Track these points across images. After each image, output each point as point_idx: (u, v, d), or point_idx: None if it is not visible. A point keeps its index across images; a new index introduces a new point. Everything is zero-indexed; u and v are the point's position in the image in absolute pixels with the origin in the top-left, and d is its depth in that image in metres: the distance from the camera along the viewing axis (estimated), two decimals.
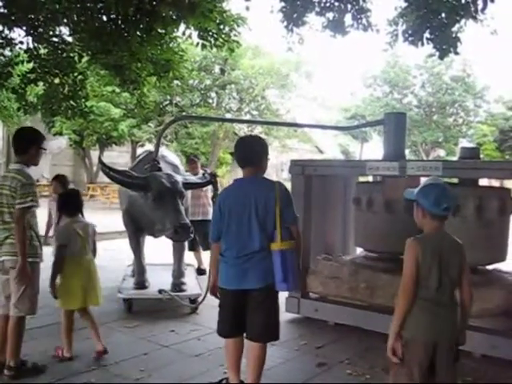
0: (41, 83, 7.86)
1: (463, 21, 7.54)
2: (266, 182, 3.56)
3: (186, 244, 6.28)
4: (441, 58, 7.08)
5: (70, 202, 4.53)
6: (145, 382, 3.92)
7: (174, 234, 5.10)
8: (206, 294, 5.28)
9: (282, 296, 3.68)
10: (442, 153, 33.26)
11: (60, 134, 21.97)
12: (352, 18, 7.26)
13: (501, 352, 4.32)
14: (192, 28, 7.46)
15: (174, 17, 6.56)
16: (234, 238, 3.45)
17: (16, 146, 4.04)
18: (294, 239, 3.47)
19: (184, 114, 21.90)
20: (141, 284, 5.98)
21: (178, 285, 5.94)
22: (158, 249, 7.46)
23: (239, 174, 3.66)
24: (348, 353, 4.58)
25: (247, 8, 7.09)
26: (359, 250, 6.23)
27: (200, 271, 7.55)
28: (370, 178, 6.45)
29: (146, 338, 4.91)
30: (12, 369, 3.89)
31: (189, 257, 7.10)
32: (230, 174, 31.90)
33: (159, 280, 6.16)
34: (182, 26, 7.56)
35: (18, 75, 7.91)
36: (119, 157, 26.22)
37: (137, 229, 6.01)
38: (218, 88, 22.77)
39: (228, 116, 22.87)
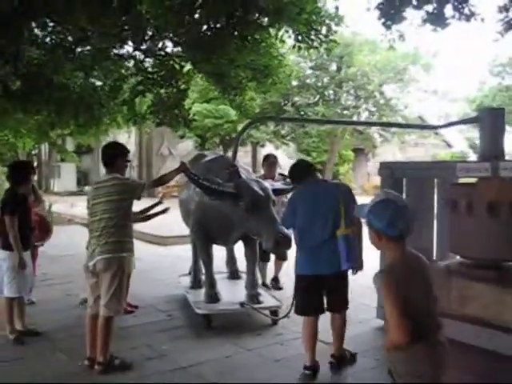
0: (148, 94, 8.34)
1: None
2: (331, 184, 4.75)
3: (258, 253, 5.90)
4: None
5: None
6: None
7: (274, 245, 4.71)
8: (292, 306, 5.21)
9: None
10: None
11: (183, 137, 23.10)
12: (453, 9, 6.84)
13: None
14: (287, 31, 7.51)
15: (265, 23, 6.65)
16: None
17: (104, 160, 4.42)
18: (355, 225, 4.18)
19: (301, 114, 21.99)
20: (214, 297, 5.68)
21: (254, 296, 5.64)
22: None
23: (362, 170, 4.38)
24: None
25: (337, 8, 7.00)
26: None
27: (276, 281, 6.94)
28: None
29: (231, 340, 5.04)
30: (101, 364, 4.22)
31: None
32: (353, 171, 31.48)
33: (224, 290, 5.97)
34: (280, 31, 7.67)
35: (128, 88, 8.49)
36: (244, 156, 26.76)
37: (209, 239, 5.78)
38: (334, 85, 22.58)
39: (345, 114, 22.54)
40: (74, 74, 8.67)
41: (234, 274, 6.89)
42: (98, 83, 9.90)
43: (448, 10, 6.87)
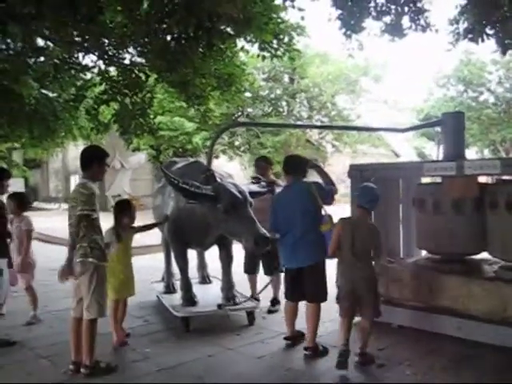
0: (112, 103, 8.34)
1: None
2: (303, 184, 4.82)
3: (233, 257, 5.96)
4: (503, 52, 6.89)
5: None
6: (207, 381, 4.13)
7: (254, 245, 4.80)
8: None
9: None
10: None
11: (138, 149, 22.88)
12: (409, 20, 7.22)
13: None
14: (252, 41, 7.69)
15: (232, 32, 6.81)
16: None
17: (81, 163, 4.41)
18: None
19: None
20: (191, 300, 5.72)
21: (231, 298, 5.72)
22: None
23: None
24: (409, 354, 4.57)
25: (302, 18, 7.25)
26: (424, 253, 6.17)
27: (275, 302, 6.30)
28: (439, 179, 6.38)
29: (212, 341, 5.11)
30: (88, 367, 4.22)
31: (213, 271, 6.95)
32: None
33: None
34: (242, 40, 7.85)
35: (91, 98, 8.47)
36: None
37: (185, 243, 5.82)
38: (287, 97, 22.94)
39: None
40: (29, 84, 8.57)
41: (205, 279, 6.95)
42: (52, 95, 9.81)
43: (405, 21, 7.26)
